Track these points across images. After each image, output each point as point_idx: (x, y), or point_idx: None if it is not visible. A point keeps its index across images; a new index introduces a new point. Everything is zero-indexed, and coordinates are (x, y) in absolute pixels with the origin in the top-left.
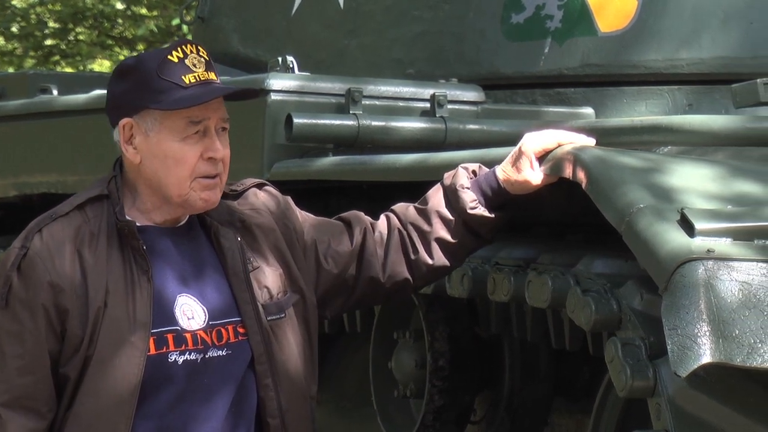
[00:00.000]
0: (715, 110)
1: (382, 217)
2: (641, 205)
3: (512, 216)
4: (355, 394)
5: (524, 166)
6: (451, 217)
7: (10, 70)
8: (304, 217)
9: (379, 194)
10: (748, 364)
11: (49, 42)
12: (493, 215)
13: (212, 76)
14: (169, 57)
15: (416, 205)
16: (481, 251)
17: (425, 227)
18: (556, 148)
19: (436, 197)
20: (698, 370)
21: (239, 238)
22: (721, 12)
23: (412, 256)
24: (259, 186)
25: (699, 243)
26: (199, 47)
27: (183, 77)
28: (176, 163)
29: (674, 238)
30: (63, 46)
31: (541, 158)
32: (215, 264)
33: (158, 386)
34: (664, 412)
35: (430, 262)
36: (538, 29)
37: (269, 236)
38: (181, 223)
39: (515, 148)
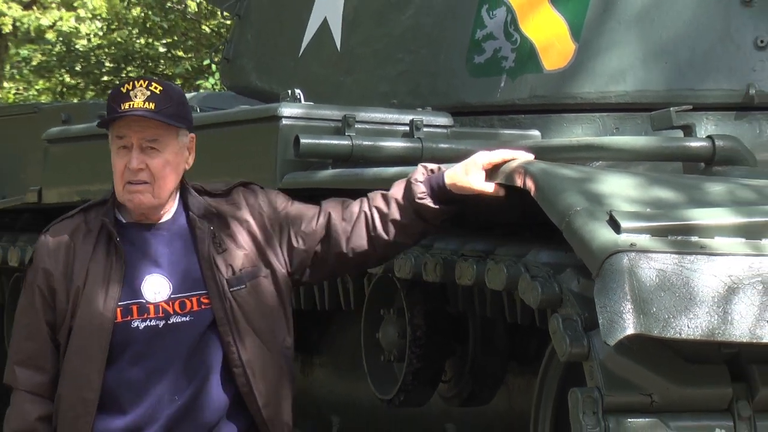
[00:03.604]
0: (637, 132)
1: (358, 200)
2: (578, 208)
3: (460, 210)
4: (350, 359)
5: (471, 173)
6: (404, 203)
7: (74, 100)
8: (284, 206)
9: None
10: (663, 335)
11: (105, 78)
12: (437, 206)
13: (149, 105)
14: (121, 89)
15: (383, 192)
16: (451, 245)
17: (385, 210)
18: (502, 163)
19: (397, 187)
20: (624, 339)
21: (211, 228)
22: (641, 54)
23: (372, 233)
24: (245, 185)
25: (624, 238)
26: (152, 83)
27: (122, 104)
28: (114, 170)
29: (604, 234)
30: (116, 82)
31: (489, 170)
32: (190, 249)
33: (124, 347)
34: (596, 373)
35: (386, 238)
36: (496, 68)
37: (243, 225)
38: (164, 219)
39: (469, 159)
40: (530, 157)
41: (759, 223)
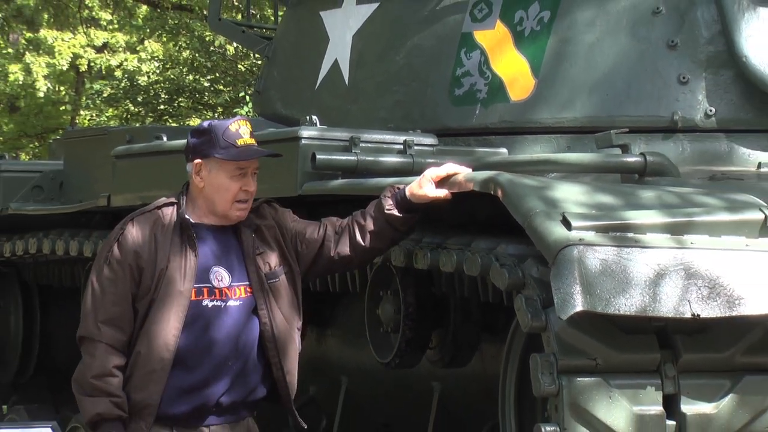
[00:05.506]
0: (584, 150)
1: (348, 218)
2: (537, 210)
3: (422, 217)
4: (356, 330)
5: (424, 185)
6: (376, 215)
7: (137, 125)
8: (295, 220)
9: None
10: (605, 311)
11: (161, 107)
12: (401, 215)
13: (253, 141)
14: (230, 126)
15: (363, 210)
16: (436, 239)
17: (362, 222)
18: (448, 176)
19: (373, 204)
20: (574, 315)
21: (253, 234)
22: (587, 87)
23: (353, 241)
24: (268, 203)
25: (574, 234)
26: (247, 122)
27: (237, 141)
28: (225, 191)
29: (558, 231)
30: (170, 110)
31: (442, 180)
32: (237, 249)
33: (196, 319)
34: (552, 342)
35: (363, 244)
36: (472, 98)
37: (271, 232)
38: (222, 224)
39: (422, 175)
40: (468, 170)
41: (682, 222)
